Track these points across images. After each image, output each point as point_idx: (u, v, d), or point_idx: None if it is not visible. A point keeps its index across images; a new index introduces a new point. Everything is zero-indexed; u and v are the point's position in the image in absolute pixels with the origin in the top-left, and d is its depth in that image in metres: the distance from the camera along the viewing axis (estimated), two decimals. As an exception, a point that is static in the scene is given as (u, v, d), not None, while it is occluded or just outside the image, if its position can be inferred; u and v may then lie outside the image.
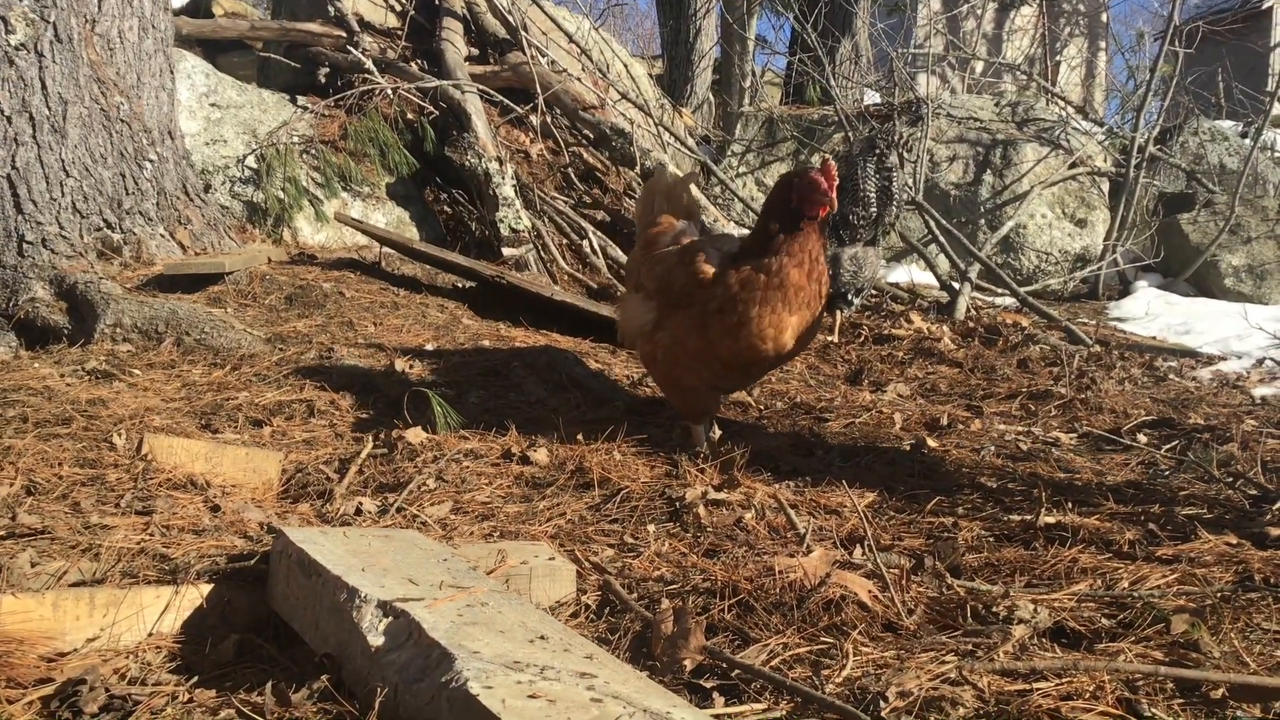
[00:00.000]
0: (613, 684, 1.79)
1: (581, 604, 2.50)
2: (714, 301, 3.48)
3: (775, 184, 3.62)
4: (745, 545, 2.83)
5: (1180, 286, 7.95)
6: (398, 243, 5.97)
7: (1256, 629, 2.32)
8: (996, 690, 2.02)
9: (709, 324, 3.49)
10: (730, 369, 3.57)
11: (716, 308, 3.47)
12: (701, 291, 3.53)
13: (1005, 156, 8.62)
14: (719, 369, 3.57)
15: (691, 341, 3.54)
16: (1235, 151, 9.15)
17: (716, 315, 3.47)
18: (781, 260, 3.42)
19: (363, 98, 7.13)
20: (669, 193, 4.04)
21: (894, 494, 3.35)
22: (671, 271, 3.67)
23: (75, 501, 2.79)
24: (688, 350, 3.56)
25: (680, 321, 3.58)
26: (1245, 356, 5.80)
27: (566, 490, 3.27)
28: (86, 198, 5.02)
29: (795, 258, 3.43)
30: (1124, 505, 3.23)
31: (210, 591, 2.35)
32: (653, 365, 3.76)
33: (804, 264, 3.44)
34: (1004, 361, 5.36)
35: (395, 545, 2.46)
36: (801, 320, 3.49)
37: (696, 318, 3.52)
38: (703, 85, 11.99)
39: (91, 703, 1.96)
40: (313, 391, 4.03)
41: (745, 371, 3.62)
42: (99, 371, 4.06)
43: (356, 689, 1.96)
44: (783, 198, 3.51)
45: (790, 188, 3.50)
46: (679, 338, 3.58)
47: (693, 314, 3.54)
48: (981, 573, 2.70)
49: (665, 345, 3.63)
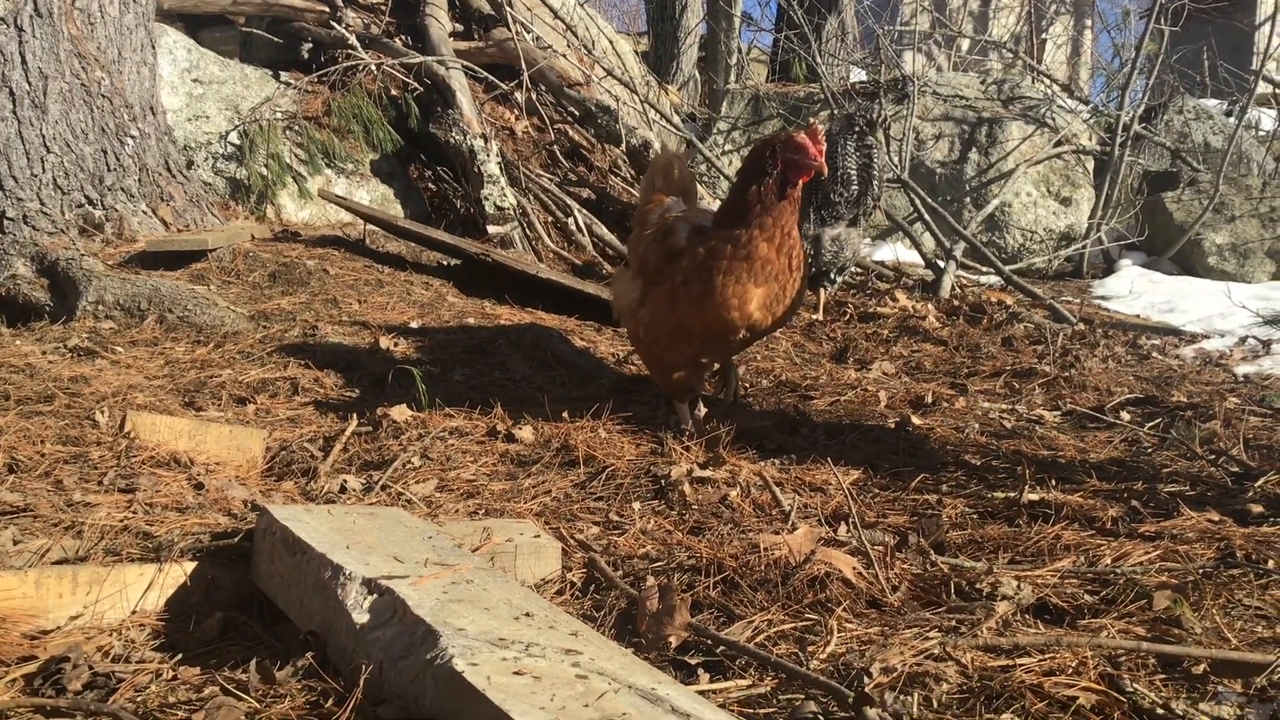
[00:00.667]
0: (598, 661, 1.79)
1: (566, 581, 2.51)
2: (680, 274, 3.46)
3: (752, 151, 3.51)
4: (730, 523, 2.84)
5: (1164, 265, 7.98)
6: (382, 220, 5.94)
7: (1238, 605, 2.34)
8: (980, 666, 2.03)
9: (677, 296, 3.46)
10: (706, 341, 3.53)
11: (682, 279, 3.45)
12: (670, 265, 3.52)
13: (991, 135, 8.62)
14: (696, 343, 3.54)
15: (667, 317, 3.52)
16: (1220, 130, 9.17)
17: (683, 287, 3.44)
18: (751, 234, 3.35)
19: (346, 74, 7.08)
20: (666, 170, 4.01)
21: (879, 471, 3.36)
22: (649, 248, 3.67)
23: (58, 479, 2.77)
24: (665, 326, 3.55)
25: (657, 297, 3.56)
26: (1228, 335, 5.83)
27: (551, 468, 3.27)
28: (68, 174, 4.98)
29: (766, 231, 3.36)
30: (1107, 482, 3.25)
31: (194, 569, 2.34)
32: (637, 343, 3.75)
33: (775, 238, 3.37)
34: (988, 340, 5.37)
35: (380, 523, 2.46)
36: (769, 292, 3.42)
37: (668, 293, 3.50)
38: (688, 62, 11.95)
39: (75, 680, 1.95)
40: (297, 369, 4.02)
41: (722, 342, 3.56)
42: (81, 349, 4.04)
43: (341, 666, 1.96)
44: (760, 163, 3.41)
45: (772, 152, 3.39)
46: (657, 315, 3.57)
47: (665, 289, 3.52)
48: (965, 549, 2.71)
49: (646, 322, 3.62)
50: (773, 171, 3.37)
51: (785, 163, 3.36)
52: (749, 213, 3.38)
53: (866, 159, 5.72)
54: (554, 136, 7.59)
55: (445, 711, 1.68)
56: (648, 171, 4.25)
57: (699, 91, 11.89)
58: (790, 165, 3.36)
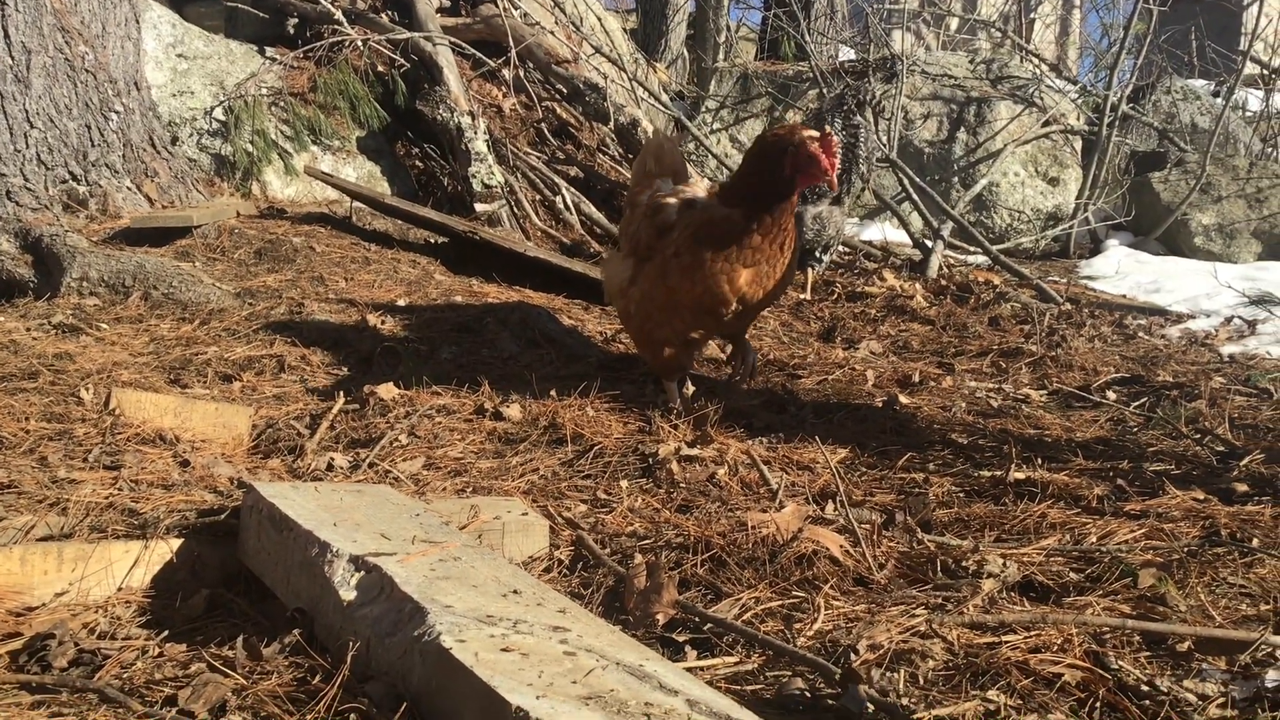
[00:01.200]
0: (586, 638, 1.79)
1: (554, 559, 2.51)
2: (671, 247, 3.48)
3: (764, 146, 3.46)
4: (718, 501, 2.84)
5: (1151, 245, 7.99)
6: (369, 197, 5.91)
7: (1222, 583, 2.35)
8: (966, 643, 2.04)
9: (669, 270, 3.48)
10: (697, 314, 3.54)
11: (674, 252, 3.47)
12: (661, 240, 3.53)
13: (979, 114, 8.61)
14: (688, 316, 3.55)
15: (658, 292, 3.53)
16: (1207, 110, 9.17)
17: (674, 259, 3.47)
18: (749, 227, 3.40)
19: (332, 49, 7.03)
20: (657, 152, 3.98)
21: (866, 450, 3.37)
22: (640, 226, 3.67)
23: (42, 456, 2.76)
24: (656, 301, 3.55)
25: (648, 274, 3.57)
26: (1214, 315, 5.85)
27: (539, 446, 3.26)
28: (51, 149, 4.94)
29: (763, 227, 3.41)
30: (1093, 461, 3.26)
31: (180, 546, 2.33)
32: (627, 320, 3.75)
33: (770, 232, 3.42)
34: (976, 319, 5.38)
35: (367, 500, 2.45)
36: (757, 272, 3.46)
37: (659, 267, 3.52)
38: (677, 40, 11.89)
39: (60, 657, 1.94)
40: (283, 347, 4.00)
41: (714, 315, 3.56)
42: (66, 325, 4.02)
43: (328, 643, 1.95)
44: (770, 163, 3.39)
45: (784, 155, 3.36)
46: (648, 291, 3.57)
47: (656, 264, 3.54)
48: (952, 528, 2.72)
49: (637, 300, 3.62)
50: (782, 174, 3.36)
51: (795, 168, 3.36)
52: (751, 206, 3.40)
53: (853, 138, 5.71)
54: (542, 114, 7.55)
55: (433, 688, 1.68)
56: (639, 154, 4.23)
57: (687, 69, 11.84)
58: (800, 172, 3.36)
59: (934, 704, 1.87)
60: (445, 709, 1.64)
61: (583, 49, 7.96)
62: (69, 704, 1.81)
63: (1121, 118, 8.56)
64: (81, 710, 1.79)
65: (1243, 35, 13.22)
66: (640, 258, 3.63)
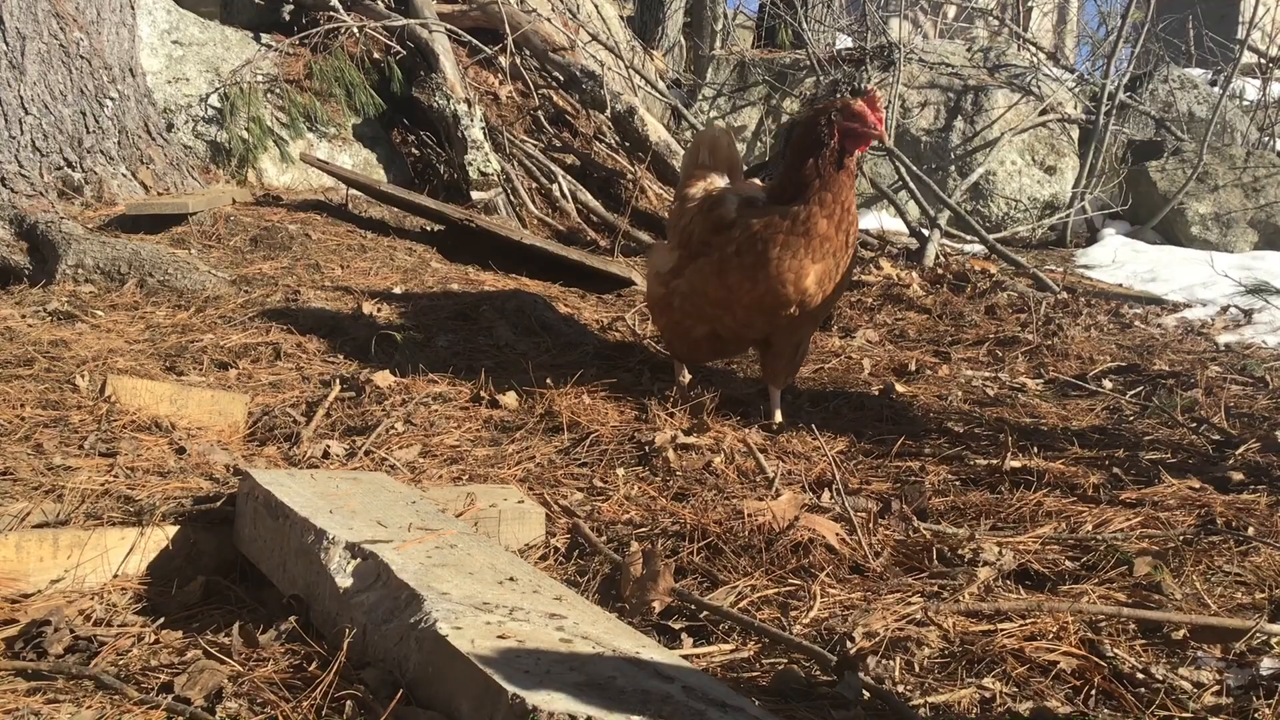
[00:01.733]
0: (582, 625, 1.79)
1: (550, 547, 2.51)
2: (732, 245, 3.35)
3: (807, 122, 3.38)
4: (714, 489, 2.85)
5: (1147, 234, 7.99)
6: (365, 184, 5.90)
7: (1218, 571, 2.36)
8: (961, 631, 2.04)
9: (728, 268, 3.36)
10: (751, 314, 3.41)
11: (735, 250, 3.34)
12: (719, 237, 3.41)
13: (976, 103, 8.59)
14: (740, 315, 3.43)
15: (712, 289, 3.42)
16: (1204, 99, 9.16)
17: (735, 258, 3.34)
18: (810, 209, 3.25)
19: (328, 36, 7.00)
20: (712, 145, 3.89)
21: (862, 439, 3.37)
22: (692, 220, 3.57)
23: (38, 443, 2.75)
24: (708, 298, 3.44)
25: (701, 269, 3.45)
26: (1210, 304, 5.85)
27: (535, 434, 3.26)
28: (46, 136, 4.92)
29: (826, 208, 3.26)
30: (1089, 450, 3.27)
31: (176, 533, 2.33)
32: (664, 308, 3.64)
33: (834, 214, 3.28)
34: (972, 308, 5.38)
35: (363, 488, 2.45)
36: (825, 269, 3.32)
37: (716, 264, 3.39)
38: (674, 27, 11.85)
39: (56, 644, 1.94)
40: (279, 334, 3.99)
41: (768, 316, 3.41)
42: (61, 312, 4.01)
43: (325, 630, 1.95)
44: (815, 134, 3.29)
45: (827, 121, 3.27)
46: (698, 286, 3.46)
47: (713, 260, 3.41)
48: (948, 516, 2.72)
49: (684, 292, 3.52)
50: (829, 142, 3.26)
51: (843, 132, 3.26)
52: (808, 188, 3.27)
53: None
54: (538, 102, 7.53)
55: (429, 675, 1.68)
56: (690, 146, 4.12)
57: (684, 57, 11.81)
58: (848, 134, 3.26)
59: (930, 691, 1.87)
60: (441, 696, 1.64)
61: (579, 36, 7.93)
62: (65, 690, 1.81)
63: (1119, 106, 8.54)
64: (77, 697, 1.79)
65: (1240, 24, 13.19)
66: (691, 252, 3.53)
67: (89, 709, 1.75)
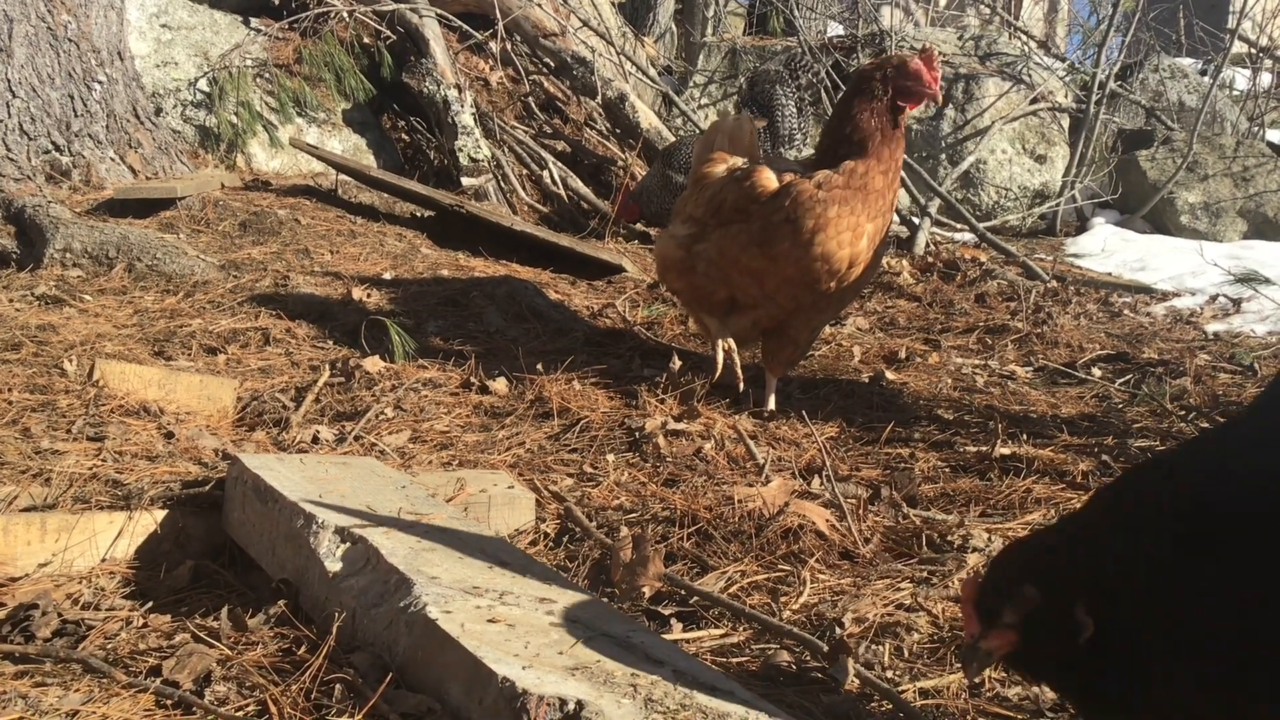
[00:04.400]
0: (572, 609, 1.79)
1: (540, 532, 2.51)
2: (779, 213, 3.26)
3: (856, 73, 3.33)
4: (704, 475, 2.85)
5: (1137, 223, 8.00)
6: (355, 170, 5.88)
7: (1205, 558, 2.36)
8: (951, 616, 2.05)
9: (773, 236, 3.27)
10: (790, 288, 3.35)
11: (783, 218, 3.25)
12: (760, 206, 3.32)
13: (967, 91, 8.58)
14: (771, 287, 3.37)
15: (747, 257, 3.34)
16: (1195, 89, 9.17)
17: (785, 225, 3.25)
18: (869, 163, 3.20)
19: (318, 20, 6.96)
20: (734, 133, 3.81)
21: (852, 425, 3.37)
22: (723, 189, 3.49)
23: (25, 427, 2.74)
24: (740, 265, 3.37)
25: (733, 235, 3.38)
26: (1199, 293, 5.86)
27: (525, 420, 3.26)
28: (34, 119, 4.90)
29: (883, 163, 3.22)
30: (1078, 437, 3.27)
31: (165, 517, 2.33)
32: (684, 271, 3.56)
33: (889, 171, 3.23)
34: (962, 296, 5.38)
35: (353, 473, 2.45)
36: (878, 228, 3.27)
37: (758, 232, 3.31)
38: (665, 14, 11.82)
39: (44, 627, 1.94)
40: (268, 319, 3.98)
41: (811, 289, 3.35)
42: (49, 297, 3.99)
43: (314, 614, 1.95)
44: (868, 87, 3.23)
45: (883, 77, 3.22)
46: (728, 253, 3.39)
47: (752, 229, 3.32)
48: (937, 503, 2.73)
49: (710, 258, 3.44)
50: (883, 98, 3.22)
51: (896, 89, 3.22)
52: (866, 143, 3.21)
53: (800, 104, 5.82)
54: (529, 88, 7.51)
55: (419, 658, 1.68)
56: (707, 132, 4.04)
57: (675, 44, 11.78)
58: (901, 92, 3.22)
59: (919, 676, 1.88)
60: (431, 679, 1.64)
61: (570, 22, 7.90)
62: (53, 674, 1.81)
63: (1109, 95, 8.55)
64: (65, 680, 1.79)
65: (1231, 14, 13.21)
66: (720, 221, 3.44)
67: (77, 692, 1.75)
